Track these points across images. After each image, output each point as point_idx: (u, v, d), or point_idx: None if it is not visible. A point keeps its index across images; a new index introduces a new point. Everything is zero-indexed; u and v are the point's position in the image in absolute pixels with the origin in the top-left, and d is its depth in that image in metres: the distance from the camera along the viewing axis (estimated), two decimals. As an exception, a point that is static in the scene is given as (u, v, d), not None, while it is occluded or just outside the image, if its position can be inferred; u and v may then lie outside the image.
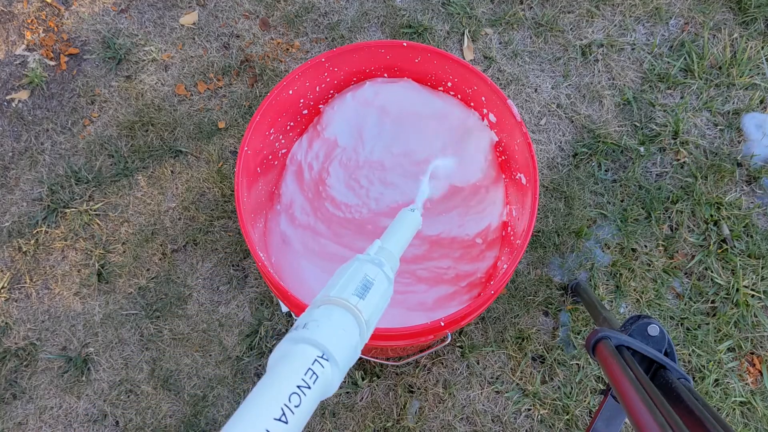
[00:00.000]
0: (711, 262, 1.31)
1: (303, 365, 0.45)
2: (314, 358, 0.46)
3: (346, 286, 0.55)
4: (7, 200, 1.40)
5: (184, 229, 1.36)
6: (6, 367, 1.29)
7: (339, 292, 0.54)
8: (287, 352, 0.47)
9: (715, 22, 1.48)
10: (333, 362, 0.47)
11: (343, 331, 0.50)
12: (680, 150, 1.39)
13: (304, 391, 0.43)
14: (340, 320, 0.51)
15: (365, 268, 0.58)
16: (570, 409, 1.23)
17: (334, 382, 0.47)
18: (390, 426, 1.22)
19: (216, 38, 1.50)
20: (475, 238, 1.06)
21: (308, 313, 0.51)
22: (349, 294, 0.54)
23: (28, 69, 1.48)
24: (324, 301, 0.53)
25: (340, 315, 0.51)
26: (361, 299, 0.54)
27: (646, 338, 0.73)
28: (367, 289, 0.56)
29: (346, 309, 0.52)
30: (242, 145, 0.91)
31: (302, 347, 0.47)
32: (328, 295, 0.53)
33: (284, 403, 0.41)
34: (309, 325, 0.49)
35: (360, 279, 0.57)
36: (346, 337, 0.50)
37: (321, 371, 0.45)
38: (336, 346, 0.48)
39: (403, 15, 1.50)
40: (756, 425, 1.22)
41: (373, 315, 0.55)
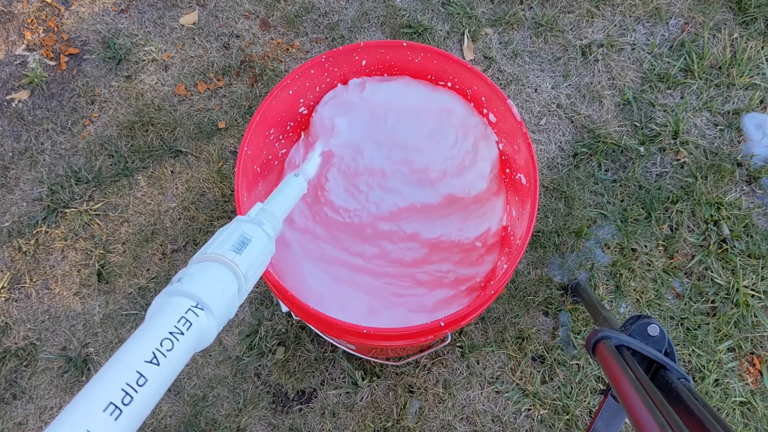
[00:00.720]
0: (711, 262, 1.31)
1: (176, 314, 0.47)
2: (188, 308, 0.48)
3: (222, 244, 0.57)
4: (7, 200, 1.40)
5: (184, 229, 1.36)
6: (6, 367, 1.29)
7: (215, 249, 0.56)
8: (163, 304, 0.49)
9: (715, 22, 1.48)
10: (208, 311, 0.49)
11: (220, 283, 0.52)
12: (680, 150, 1.39)
13: (176, 336, 0.46)
14: (215, 273, 0.53)
15: (243, 227, 0.61)
16: (570, 409, 1.23)
17: (211, 331, 0.49)
18: (390, 426, 1.22)
19: (216, 38, 1.50)
20: (474, 241, 1.06)
21: (185, 269, 0.54)
22: (226, 250, 0.56)
23: (28, 69, 1.48)
24: (201, 259, 0.55)
25: (215, 269, 0.53)
26: (237, 254, 0.56)
27: (646, 338, 0.73)
28: (244, 245, 0.58)
29: (222, 263, 0.54)
30: (242, 145, 0.91)
31: (177, 299, 0.49)
32: (204, 253, 0.56)
33: (156, 348, 0.44)
34: (184, 279, 0.51)
35: (237, 236, 0.59)
36: (222, 289, 0.52)
37: (195, 319, 0.48)
38: (211, 296, 0.50)
39: (403, 15, 1.50)
40: (756, 425, 1.22)
41: (252, 268, 0.57)
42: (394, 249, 1.05)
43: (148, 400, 0.42)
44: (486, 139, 1.06)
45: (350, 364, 1.26)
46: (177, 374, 0.46)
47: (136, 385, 0.41)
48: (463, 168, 1.04)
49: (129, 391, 0.40)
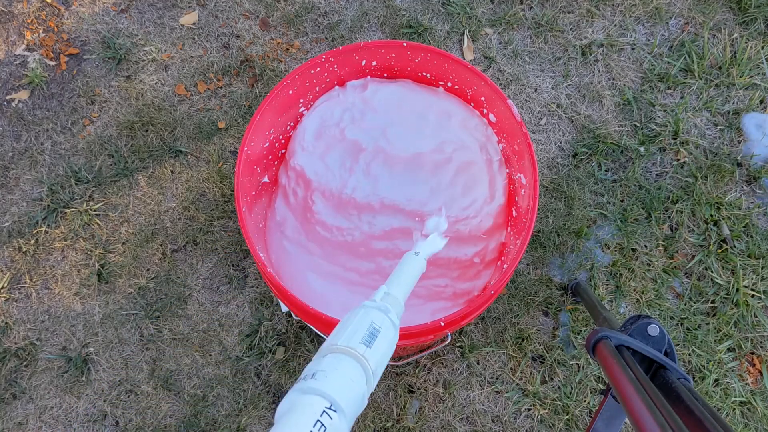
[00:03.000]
0: (711, 262, 1.31)
1: (312, 417, 0.45)
2: (323, 410, 0.46)
3: (353, 335, 0.55)
4: (7, 200, 1.40)
5: (184, 229, 1.36)
6: (6, 367, 1.29)
7: (346, 341, 0.54)
8: (295, 403, 0.47)
9: (715, 22, 1.48)
10: (341, 413, 0.48)
11: (351, 381, 0.50)
12: (680, 150, 1.39)
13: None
14: (347, 370, 0.51)
15: (372, 315, 0.58)
16: (570, 409, 1.23)
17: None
18: (390, 426, 1.22)
19: (216, 38, 1.50)
20: (473, 258, 1.04)
21: (316, 362, 0.52)
22: (357, 342, 0.54)
23: (28, 69, 1.48)
24: (331, 350, 0.53)
25: (347, 365, 0.52)
26: (368, 348, 0.54)
27: (646, 338, 0.73)
28: (374, 337, 0.56)
29: (354, 358, 0.53)
30: (242, 145, 0.91)
31: (310, 398, 0.47)
32: (335, 344, 0.54)
33: None
34: (317, 375, 0.49)
35: (367, 327, 0.57)
36: (354, 387, 0.50)
37: (329, 422, 0.46)
38: (344, 396, 0.48)
39: (403, 15, 1.50)
40: (756, 425, 1.22)
41: (380, 363, 0.56)
42: (391, 265, 1.03)
43: None
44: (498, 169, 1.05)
45: (350, 364, 1.26)
46: None
47: None
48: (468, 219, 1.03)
49: None
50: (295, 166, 1.06)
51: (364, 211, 1.03)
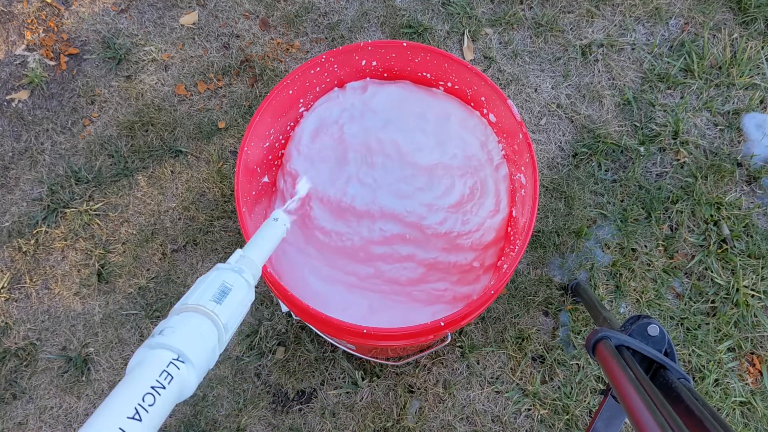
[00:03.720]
0: (711, 262, 1.31)
1: (158, 368, 0.48)
2: (169, 361, 0.49)
3: (203, 294, 0.57)
4: (7, 200, 1.40)
5: (184, 229, 1.36)
6: (6, 367, 1.29)
7: (196, 300, 0.56)
8: (144, 358, 0.49)
9: (715, 22, 1.48)
10: (189, 364, 0.50)
11: (200, 335, 0.53)
12: (680, 150, 1.39)
13: (158, 391, 0.46)
14: (196, 325, 0.53)
15: (224, 276, 0.61)
16: (570, 409, 1.23)
17: (191, 383, 0.50)
18: (390, 426, 1.22)
19: (216, 38, 1.50)
20: (472, 262, 1.04)
21: (166, 320, 0.54)
22: (207, 300, 0.57)
23: (28, 69, 1.48)
24: (182, 309, 0.55)
25: (196, 320, 0.54)
26: (218, 304, 0.57)
27: (646, 338, 0.73)
28: (224, 294, 0.58)
29: (203, 314, 0.55)
30: (242, 145, 0.91)
31: (158, 352, 0.49)
32: (186, 303, 0.56)
33: (138, 403, 0.45)
34: (165, 331, 0.51)
35: (218, 286, 0.59)
36: (203, 341, 0.53)
37: (176, 372, 0.48)
38: (192, 348, 0.50)
39: (403, 15, 1.50)
40: (756, 425, 1.22)
41: (232, 318, 0.58)
42: (390, 269, 1.02)
43: None
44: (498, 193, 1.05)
45: (350, 364, 1.26)
46: (159, 428, 0.46)
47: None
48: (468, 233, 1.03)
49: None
50: (291, 171, 1.05)
51: (363, 218, 1.02)
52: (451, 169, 1.03)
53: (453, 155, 1.03)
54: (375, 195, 1.02)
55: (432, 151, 1.03)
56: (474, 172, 1.04)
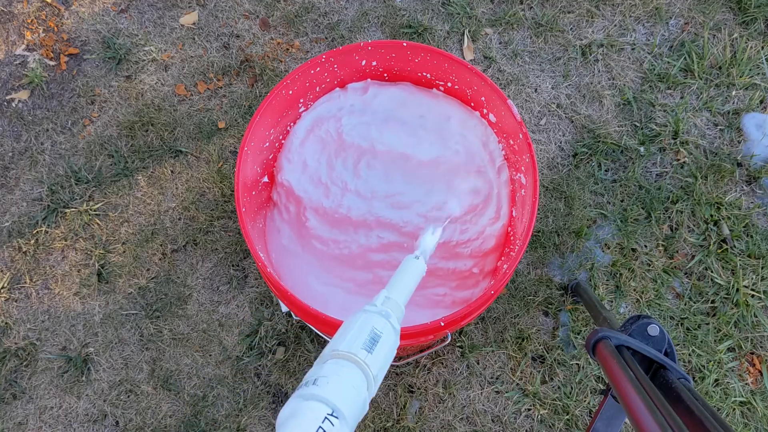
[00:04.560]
0: (711, 262, 1.31)
1: (314, 423, 0.46)
2: (324, 416, 0.46)
3: (354, 340, 0.55)
4: (7, 200, 1.40)
5: (184, 229, 1.36)
6: (6, 367, 1.29)
7: (347, 347, 0.54)
8: (297, 410, 0.47)
9: (715, 22, 1.48)
10: (342, 419, 0.48)
11: (353, 387, 0.51)
12: (680, 150, 1.39)
13: None
14: (349, 376, 0.51)
15: (373, 321, 0.58)
16: (570, 409, 1.23)
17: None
18: (390, 426, 1.22)
19: (216, 38, 1.50)
20: (472, 268, 1.04)
21: (317, 368, 0.52)
22: (358, 348, 0.54)
23: (28, 69, 1.48)
24: (333, 356, 0.53)
25: (349, 371, 0.52)
26: (369, 353, 0.54)
27: (646, 338, 0.73)
28: (375, 342, 0.56)
29: (355, 364, 0.53)
30: (242, 145, 0.91)
31: (312, 404, 0.47)
32: (337, 350, 0.54)
33: None
34: (319, 381, 0.49)
35: (368, 332, 0.57)
36: (355, 394, 0.50)
37: (331, 429, 0.46)
38: (345, 403, 0.48)
39: (403, 15, 1.50)
40: (756, 425, 1.22)
41: (381, 369, 0.56)
42: (388, 275, 1.02)
43: None
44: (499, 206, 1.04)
45: (350, 364, 1.26)
46: None
47: None
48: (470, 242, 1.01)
49: None
50: (283, 182, 1.05)
51: (360, 228, 1.02)
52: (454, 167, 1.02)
53: (456, 151, 1.03)
54: (371, 205, 1.01)
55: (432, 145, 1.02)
56: (477, 173, 1.03)
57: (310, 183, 1.03)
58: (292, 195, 1.04)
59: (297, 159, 1.05)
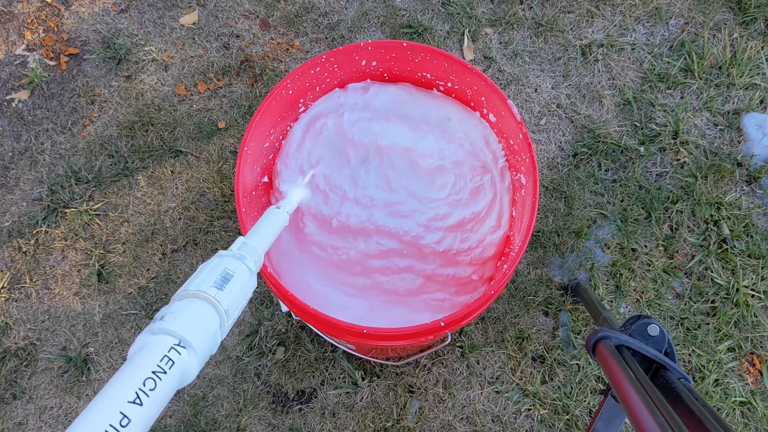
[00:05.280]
0: (711, 262, 1.31)
1: (159, 353, 0.48)
2: (170, 346, 0.49)
3: (205, 280, 0.58)
4: (7, 200, 1.40)
5: (184, 229, 1.36)
6: (6, 367, 1.29)
7: (197, 286, 0.56)
8: (145, 343, 0.49)
9: (715, 22, 1.48)
10: (191, 349, 0.50)
11: (201, 320, 0.53)
12: (680, 150, 1.39)
13: (159, 376, 0.46)
14: (197, 311, 0.53)
15: (225, 262, 0.61)
16: (570, 409, 1.23)
17: (193, 368, 0.50)
18: (390, 426, 1.22)
19: (216, 38, 1.50)
20: (471, 275, 1.03)
21: (167, 306, 0.54)
22: (208, 286, 0.57)
23: (28, 69, 1.48)
24: (183, 296, 0.55)
25: (198, 306, 0.54)
26: (219, 290, 0.57)
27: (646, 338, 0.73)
28: (226, 281, 0.59)
29: (205, 300, 0.55)
30: (242, 145, 0.91)
31: (159, 337, 0.49)
32: (187, 290, 0.56)
33: (139, 387, 0.44)
34: (166, 317, 0.52)
35: (219, 272, 0.59)
36: (204, 326, 0.53)
37: (178, 358, 0.48)
38: (193, 334, 0.51)
39: (403, 15, 1.50)
40: (756, 425, 1.22)
41: (233, 304, 0.58)
42: (388, 280, 1.01)
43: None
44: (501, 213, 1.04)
45: (350, 364, 1.26)
46: (160, 413, 0.46)
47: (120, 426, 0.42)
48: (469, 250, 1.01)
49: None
50: (281, 189, 1.04)
51: (359, 235, 1.01)
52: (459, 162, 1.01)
53: (460, 145, 1.02)
54: (370, 213, 1.00)
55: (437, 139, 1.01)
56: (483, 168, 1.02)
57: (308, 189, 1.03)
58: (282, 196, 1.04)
59: (294, 164, 1.04)
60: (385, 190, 1.01)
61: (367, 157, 1.03)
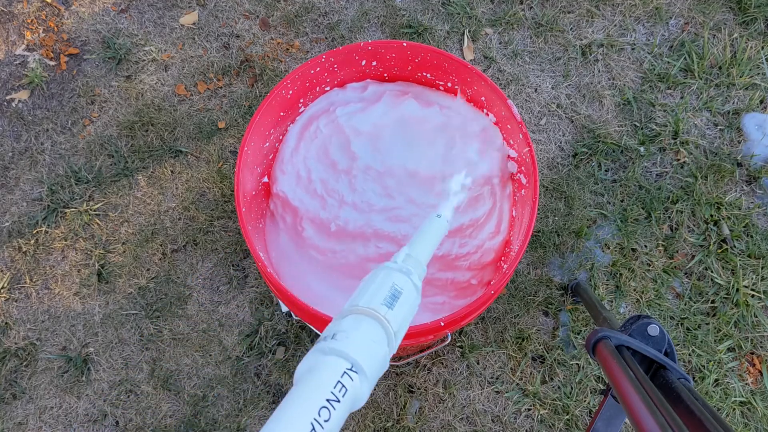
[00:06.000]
0: (711, 262, 1.31)
1: (332, 378, 0.44)
2: (343, 371, 0.45)
3: (374, 296, 0.54)
4: (7, 200, 1.40)
5: (184, 229, 1.36)
6: (6, 367, 1.29)
7: (368, 302, 0.53)
8: (316, 364, 0.46)
9: (715, 22, 1.48)
10: (362, 374, 0.46)
11: (373, 342, 0.49)
12: (680, 150, 1.39)
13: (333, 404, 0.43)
14: (369, 331, 0.50)
15: (393, 277, 0.57)
16: (570, 409, 1.23)
17: (363, 395, 0.46)
18: (390, 426, 1.22)
19: (216, 38, 1.50)
20: (470, 280, 1.03)
21: (336, 323, 0.50)
22: (378, 304, 0.53)
23: (28, 69, 1.48)
24: (352, 311, 0.52)
25: (369, 325, 0.50)
26: (389, 309, 0.53)
27: (646, 338, 0.73)
28: (395, 298, 0.55)
29: (375, 319, 0.51)
30: (242, 145, 0.91)
31: (331, 359, 0.46)
32: (356, 305, 0.52)
33: (314, 418, 0.41)
34: (338, 335, 0.48)
35: (388, 288, 0.55)
36: (375, 349, 0.49)
37: (350, 384, 0.45)
38: (365, 357, 0.47)
39: (403, 15, 1.50)
40: (756, 425, 1.22)
41: (402, 325, 0.54)
42: None
43: None
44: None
45: (350, 364, 1.26)
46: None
47: None
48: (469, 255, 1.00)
49: None
50: (278, 193, 1.04)
51: (358, 239, 1.01)
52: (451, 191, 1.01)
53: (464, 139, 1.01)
54: (369, 218, 1.00)
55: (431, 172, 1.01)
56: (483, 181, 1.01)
57: (305, 193, 1.03)
58: (288, 206, 1.04)
59: (290, 170, 1.04)
60: (384, 196, 1.01)
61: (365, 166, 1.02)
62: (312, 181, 1.02)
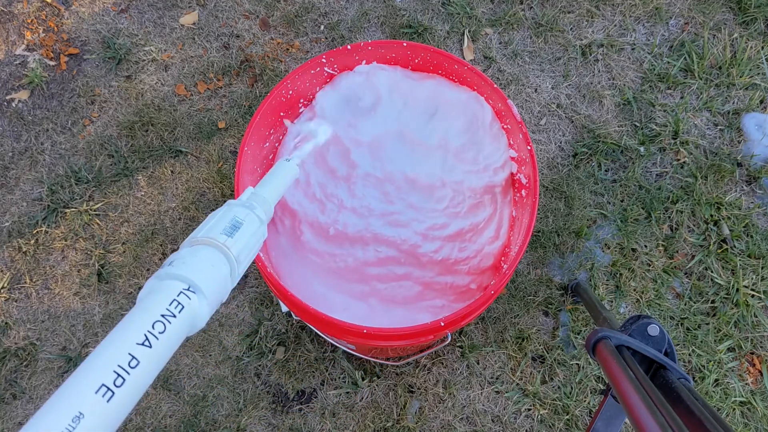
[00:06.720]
0: (711, 262, 1.31)
1: (168, 297, 0.47)
2: (180, 290, 0.48)
3: (214, 227, 0.57)
4: (7, 200, 1.40)
5: (184, 229, 1.36)
6: (6, 367, 1.29)
7: (207, 233, 0.56)
8: (154, 287, 0.49)
9: (715, 22, 1.48)
10: (200, 294, 0.49)
11: (211, 266, 0.52)
12: (680, 150, 1.39)
13: (168, 319, 0.46)
14: (207, 256, 0.53)
15: (234, 211, 0.60)
16: (570, 409, 1.23)
17: (203, 314, 0.50)
18: (390, 426, 1.22)
19: (216, 38, 1.50)
20: (469, 284, 1.03)
21: (176, 253, 0.53)
22: (217, 233, 0.56)
23: (28, 69, 1.48)
24: (192, 242, 0.55)
25: (207, 252, 0.53)
26: (229, 237, 0.56)
27: (646, 338, 0.73)
28: (236, 228, 0.58)
29: (214, 246, 0.54)
30: (242, 145, 0.91)
31: (168, 282, 0.49)
32: (195, 237, 0.55)
33: (148, 330, 0.44)
34: (175, 262, 0.51)
35: (228, 220, 0.59)
36: (214, 272, 0.52)
37: (187, 302, 0.48)
38: (203, 279, 0.50)
39: (403, 15, 1.50)
40: (756, 425, 1.22)
41: (243, 251, 0.57)
42: (386, 287, 1.00)
43: (141, 382, 0.42)
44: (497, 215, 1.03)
45: (350, 364, 1.26)
46: (169, 357, 0.46)
47: (129, 368, 0.41)
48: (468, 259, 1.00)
49: (121, 373, 0.41)
50: None
51: (356, 243, 1.01)
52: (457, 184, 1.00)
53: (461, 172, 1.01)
54: (368, 222, 1.00)
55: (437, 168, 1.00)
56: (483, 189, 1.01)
57: (304, 197, 1.03)
58: (287, 209, 1.04)
59: None
60: (383, 201, 1.01)
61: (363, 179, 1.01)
62: (311, 185, 1.02)
